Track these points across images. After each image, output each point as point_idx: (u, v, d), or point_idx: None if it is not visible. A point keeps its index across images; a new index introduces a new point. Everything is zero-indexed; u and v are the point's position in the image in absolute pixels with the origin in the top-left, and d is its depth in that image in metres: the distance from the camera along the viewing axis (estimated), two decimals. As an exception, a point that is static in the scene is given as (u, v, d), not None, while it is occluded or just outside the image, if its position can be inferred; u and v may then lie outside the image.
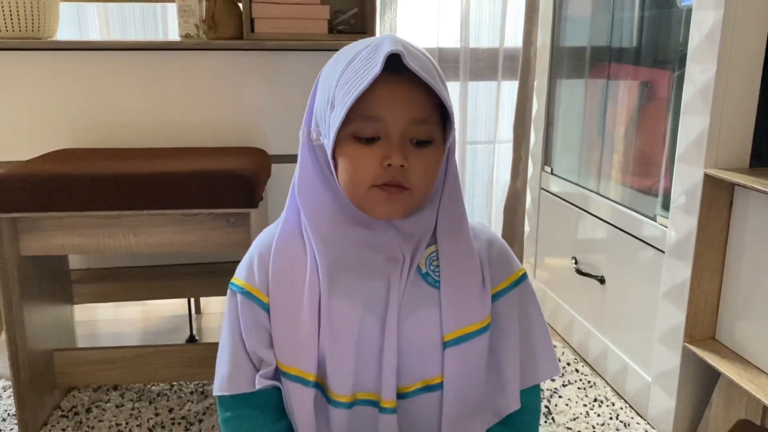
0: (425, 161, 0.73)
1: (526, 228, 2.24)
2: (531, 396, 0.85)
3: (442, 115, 0.75)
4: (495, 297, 0.82)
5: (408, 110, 0.72)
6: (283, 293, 0.79)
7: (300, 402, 0.79)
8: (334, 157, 0.75)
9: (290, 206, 0.81)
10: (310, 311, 0.77)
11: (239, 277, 0.82)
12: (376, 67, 0.68)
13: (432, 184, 0.76)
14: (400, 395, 0.78)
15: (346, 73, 0.71)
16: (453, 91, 2.36)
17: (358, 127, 0.72)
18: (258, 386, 0.79)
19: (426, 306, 0.78)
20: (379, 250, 0.78)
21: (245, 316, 0.80)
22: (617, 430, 1.50)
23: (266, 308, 0.80)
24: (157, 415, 1.54)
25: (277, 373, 0.80)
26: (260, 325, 0.80)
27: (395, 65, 0.69)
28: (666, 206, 1.46)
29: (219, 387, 0.82)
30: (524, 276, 0.86)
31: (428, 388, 0.79)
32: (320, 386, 0.79)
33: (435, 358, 0.78)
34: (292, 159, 1.92)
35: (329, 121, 0.73)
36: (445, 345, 0.78)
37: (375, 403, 0.78)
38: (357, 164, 0.73)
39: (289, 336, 0.78)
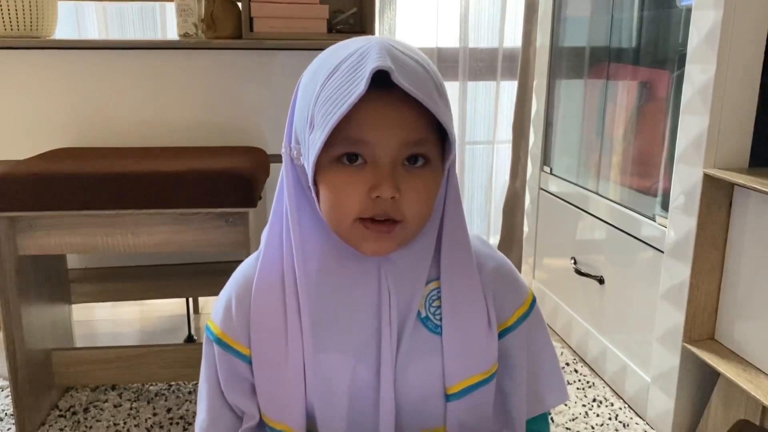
0: (420, 188, 0.64)
1: (525, 228, 2.24)
2: (539, 423, 0.80)
3: (440, 130, 0.65)
4: (502, 334, 0.74)
5: (399, 132, 0.62)
6: (265, 344, 0.71)
7: None
8: (315, 183, 0.66)
9: (271, 231, 0.72)
10: (295, 366, 0.69)
11: (216, 323, 0.74)
12: (360, 86, 0.58)
13: (429, 212, 0.67)
14: None
15: (326, 87, 0.61)
16: (452, 92, 2.36)
17: (341, 151, 0.62)
18: None
19: (426, 355, 0.70)
20: (368, 289, 0.69)
21: (223, 368, 0.73)
22: (616, 430, 1.50)
23: (247, 360, 0.72)
24: (155, 415, 1.54)
25: (262, 424, 0.74)
26: (240, 377, 0.73)
27: (384, 79, 0.59)
28: (665, 206, 1.46)
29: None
30: (533, 303, 0.78)
31: None
32: None
33: (437, 409, 0.72)
34: (290, 159, 1.92)
35: (308, 143, 0.63)
36: (448, 398, 0.71)
37: None
38: (340, 194, 0.63)
39: (274, 391, 0.71)
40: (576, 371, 1.76)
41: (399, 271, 0.70)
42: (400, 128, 0.62)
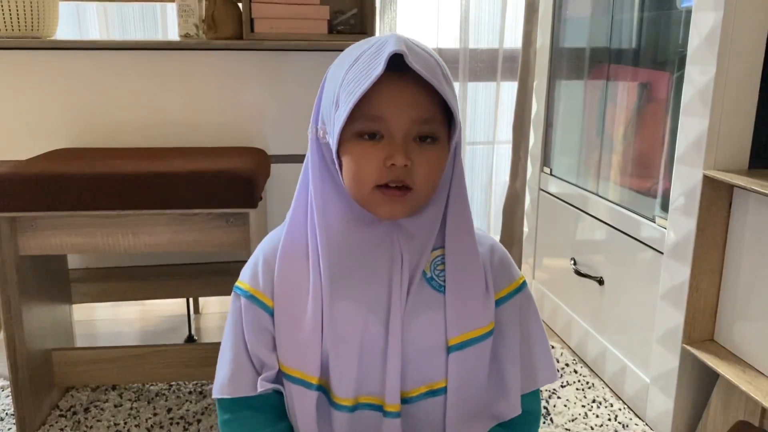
0: (429, 160, 0.73)
1: (525, 229, 2.24)
2: (531, 400, 0.85)
3: (447, 114, 0.75)
4: (497, 303, 0.82)
5: (411, 110, 0.72)
6: (288, 297, 0.79)
7: (302, 404, 0.79)
8: (338, 156, 0.75)
9: (297, 204, 0.81)
10: (314, 315, 0.77)
11: (244, 280, 0.82)
12: (379, 67, 0.68)
13: (437, 183, 0.76)
14: (404, 400, 0.79)
15: (350, 72, 0.71)
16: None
17: (362, 126, 0.72)
18: (260, 389, 0.79)
19: (430, 310, 0.78)
20: (382, 251, 0.78)
21: (248, 319, 0.80)
22: (616, 431, 1.50)
23: (270, 312, 0.80)
24: (155, 415, 1.54)
25: (279, 377, 0.80)
26: (263, 329, 0.80)
27: (399, 65, 0.69)
28: (665, 207, 1.46)
29: (219, 389, 0.82)
30: (524, 284, 0.86)
31: (432, 393, 0.79)
32: (323, 389, 0.79)
33: (439, 362, 0.78)
34: (291, 159, 1.92)
35: (333, 120, 0.73)
36: (450, 349, 0.78)
37: (378, 407, 0.78)
38: (360, 163, 0.73)
39: (293, 339, 0.78)
40: (576, 372, 1.76)
41: (410, 236, 0.78)
42: (413, 107, 0.72)
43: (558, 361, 1.81)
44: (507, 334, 0.82)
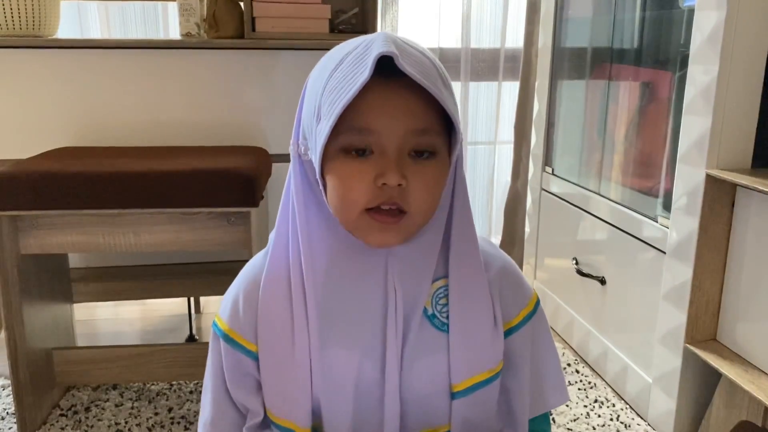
0: (426, 178, 0.64)
1: (527, 229, 2.23)
2: (541, 423, 0.81)
3: (446, 122, 0.65)
4: (507, 333, 0.75)
5: (404, 120, 0.62)
6: (273, 341, 0.71)
7: None
8: (322, 175, 0.66)
9: (279, 230, 0.72)
10: (302, 362, 0.69)
11: (223, 318, 0.74)
12: (365, 72, 0.59)
13: (436, 204, 0.66)
14: None
15: (332, 78, 0.62)
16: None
17: (348, 140, 0.62)
18: None
19: (432, 353, 0.70)
20: (374, 284, 0.69)
21: (229, 364, 0.73)
22: (618, 431, 1.50)
23: (254, 357, 0.72)
24: (156, 414, 1.54)
25: (266, 421, 0.74)
26: (246, 374, 0.73)
27: (389, 68, 0.60)
28: (667, 207, 1.46)
29: (203, 429, 0.76)
30: (537, 305, 0.78)
31: None
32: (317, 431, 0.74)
33: (442, 407, 0.72)
34: (292, 158, 1.92)
35: (315, 134, 0.64)
36: (454, 396, 0.71)
37: None
38: (347, 183, 0.63)
39: (280, 387, 0.71)
40: (577, 372, 1.76)
41: (405, 267, 0.70)
42: (406, 116, 0.62)
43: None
44: (518, 364, 0.76)
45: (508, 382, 0.76)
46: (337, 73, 0.62)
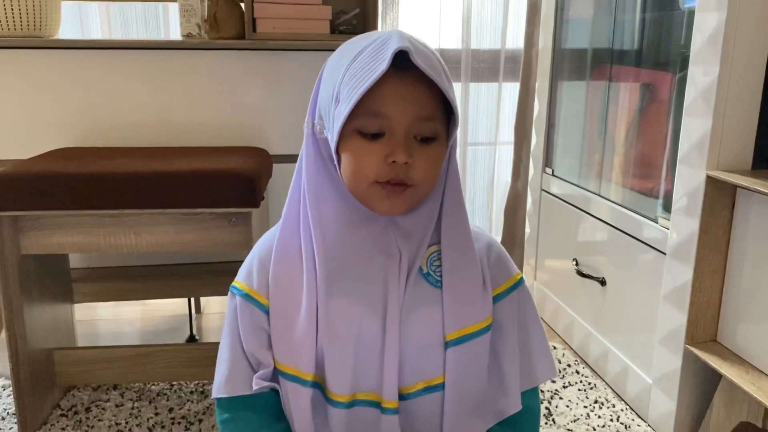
0: (429, 158, 0.73)
1: (527, 230, 2.24)
2: (530, 397, 0.85)
3: (446, 111, 0.75)
4: (495, 299, 0.82)
5: (413, 107, 0.71)
6: (282, 295, 0.79)
7: (297, 401, 0.79)
8: (337, 152, 0.75)
9: (290, 203, 0.81)
10: (308, 311, 0.76)
11: (239, 280, 0.83)
12: (384, 64, 0.68)
13: (435, 180, 0.76)
14: (402, 396, 0.78)
15: (352, 67, 0.71)
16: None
17: (363, 122, 0.72)
18: (255, 388, 0.79)
19: (427, 306, 0.78)
20: (378, 247, 0.78)
21: (244, 318, 0.80)
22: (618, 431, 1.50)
23: (265, 310, 0.80)
24: (156, 414, 1.54)
25: (275, 375, 0.80)
26: (259, 327, 0.80)
27: (401, 62, 0.69)
28: (667, 208, 1.46)
29: (217, 389, 0.82)
30: (521, 280, 0.86)
31: (430, 389, 0.79)
32: (319, 386, 0.79)
33: (436, 358, 0.78)
34: (293, 159, 1.90)
35: (333, 116, 0.73)
36: (447, 345, 0.78)
37: (376, 404, 0.78)
38: (360, 160, 0.73)
39: (287, 336, 0.78)
40: (577, 372, 1.76)
41: (407, 232, 0.78)
42: (415, 104, 0.72)
43: (560, 362, 1.81)
44: (505, 330, 0.82)
45: (497, 345, 0.82)
46: (356, 63, 0.70)
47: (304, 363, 0.77)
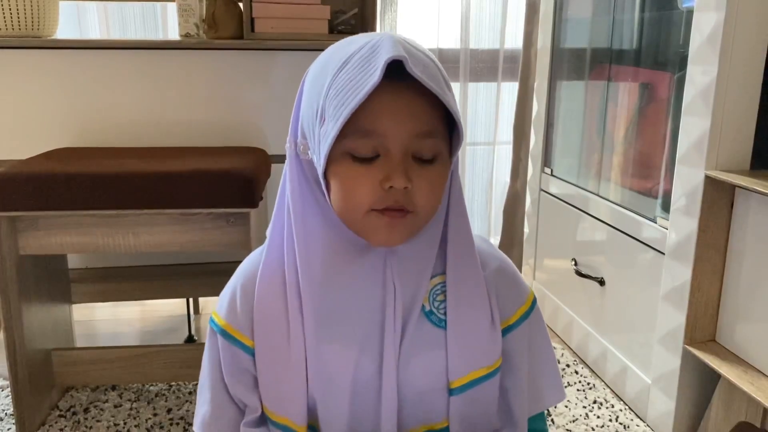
0: (431, 180, 0.64)
1: (526, 229, 2.23)
2: (537, 422, 0.81)
3: (448, 125, 0.66)
4: (505, 332, 0.75)
5: (410, 123, 0.62)
6: (269, 337, 0.71)
7: None
8: (325, 176, 0.66)
9: (274, 226, 0.72)
10: (297, 358, 0.69)
11: (220, 314, 0.74)
12: (375, 76, 0.59)
13: (438, 203, 0.67)
14: None
15: (338, 79, 0.61)
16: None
17: (354, 144, 0.62)
18: None
19: (430, 349, 0.70)
20: (373, 281, 0.69)
21: (227, 360, 0.73)
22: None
23: (250, 352, 0.72)
24: (155, 415, 1.54)
25: (263, 417, 0.73)
26: (243, 369, 0.73)
27: (395, 71, 0.60)
28: (666, 208, 1.46)
29: (200, 426, 0.75)
30: (534, 303, 0.78)
31: None
32: (314, 429, 0.74)
33: (440, 403, 0.72)
34: (291, 159, 1.92)
35: (319, 136, 0.64)
36: (452, 392, 0.71)
37: None
38: (353, 186, 0.63)
39: (276, 384, 0.71)
40: (576, 372, 1.76)
41: (404, 264, 0.70)
42: (411, 119, 0.63)
43: (559, 362, 1.81)
44: (516, 363, 0.75)
45: (506, 381, 0.75)
46: (343, 75, 0.61)
47: (295, 415, 0.70)
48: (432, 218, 0.68)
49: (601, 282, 1.73)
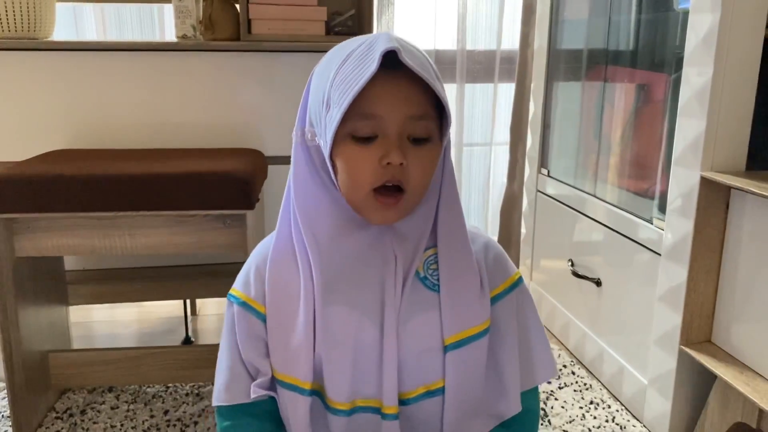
0: (423, 159, 0.73)
1: (523, 230, 2.24)
2: (530, 398, 0.85)
3: (438, 111, 0.74)
4: (493, 300, 0.81)
5: (405, 107, 0.71)
6: (280, 303, 0.79)
7: (295, 410, 0.78)
8: (331, 159, 0.74)
9: (284, 212, 0.80)
10: (306, 319, 0.76)
11: (237, 288, 0.82)
12: (373, 65, 0.67)
13: (429, 182, 0.75)
14: (402, 401, 0.78)
15: (341, 71, 0.70)
16: (450, 93, 2.37)
17: (355, 126, 0.71)
18: (253, 396, 0.79)
19: (425, 310, 0.77)
20: (374, 253, 0.77)
21: (241, 326, 0.80)
22: (613, 432, 1.51)
23: (263, 318, 0.79)
24: (152, 417, 1.54)
25: (274, 383, 0.80)
26: (256, 336, 0.80)
27: (391, 62, 0.68)
28: (662, 209, 1.46)
29: (217, 396, 0.82)
30: (520, 279, 0.85)
31: (430, 393, 0.79)
32: (318, 394, 0.79)
33: (436, 362, 0.78)
34: (288, 160, 1.90)
35: (325, 122, 0.72)
36: (446, 349, 0.77)
37: (376, 410, 0.78)
38: (355, 165, 0.72)
39: (285, 344, 0.78)
40: (573, 373, 1.76)
41: (403, 237, 0.78)
42: (406, 103, 0.71)
43: (556, 362, 1.81)
44: (504, 331, 0.81)
45: (496, 347, 0.81)
46: (345, 67, 0.70)
47: (301, 372, 0.77)
48: (423, 196, 0.76)
49: (598, 283, 1.73)
